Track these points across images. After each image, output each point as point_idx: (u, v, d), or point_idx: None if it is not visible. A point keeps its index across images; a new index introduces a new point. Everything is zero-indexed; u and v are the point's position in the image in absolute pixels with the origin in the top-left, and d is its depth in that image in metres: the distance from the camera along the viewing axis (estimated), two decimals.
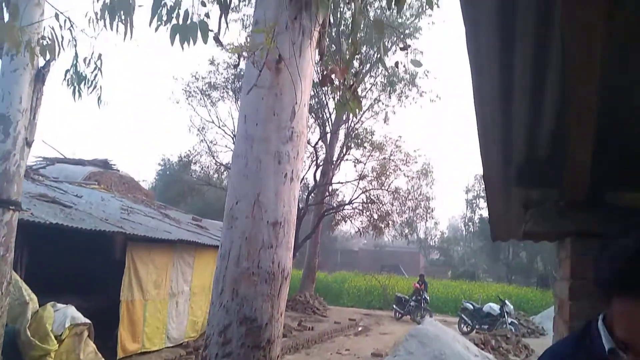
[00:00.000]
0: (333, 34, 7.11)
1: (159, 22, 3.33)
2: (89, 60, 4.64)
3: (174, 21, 3.18)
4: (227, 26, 3.49)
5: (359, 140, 18.03)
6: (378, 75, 18.15)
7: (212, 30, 3.11)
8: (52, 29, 4.12)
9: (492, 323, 15.67)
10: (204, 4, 3.22)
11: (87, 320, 6.73)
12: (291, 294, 17.03)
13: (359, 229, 19.72)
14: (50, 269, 8.25)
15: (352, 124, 18.57)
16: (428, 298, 19.30)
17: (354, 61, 3.99)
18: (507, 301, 16.65)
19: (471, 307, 16.84)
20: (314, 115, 17.65)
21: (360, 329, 16.09)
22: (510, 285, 30.62)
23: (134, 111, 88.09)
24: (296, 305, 17.37)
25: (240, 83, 16.02)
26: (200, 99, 18.66)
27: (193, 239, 9.88)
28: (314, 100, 16.48)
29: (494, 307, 16.20)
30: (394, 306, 19.81)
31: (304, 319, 15.20)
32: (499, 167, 2.28)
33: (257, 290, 3.12)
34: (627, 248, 1.01)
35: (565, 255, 2.47)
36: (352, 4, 3.56)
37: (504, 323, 15.19)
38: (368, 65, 17.11)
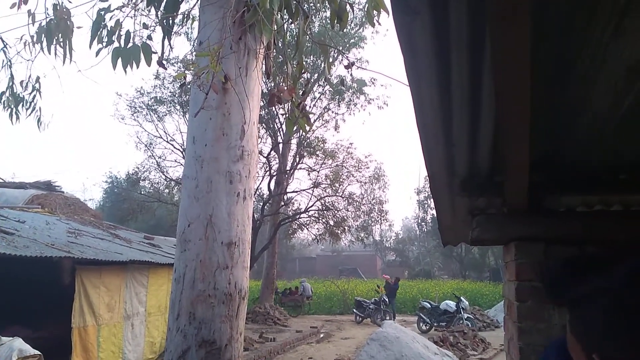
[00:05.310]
0: (279, 56, 7.13)
1: (100, 45, 3.24)
2: (26, 83, 4.46)
3: (115, 44, 3.10)
4: (172, 49, 3.44)
5: (312, 149, 18.14)
6: (327, 85, 18.35)
7: (155, 52, 3.06)
8: None
9: (450, 320, 16.12)
10: (146, 27, 3.15)
11: (37, 352, 6.40)
12: (250, 306, 16.86)
13: (315, 236, 19.80)
14: None
15: (304, 134, 18.65)
16: (387, 300, 19.58)
17: (301, 76, 4.02)
18: (462, 297, 17.16)
19: (429, 305, 17.26)
20: (264, 126, 17.61)
21: (322, 335, 16.10)
22: (465, 281, 31.54)
23: (77, 129, 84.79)
24: (256, 317, 17.23)
25: (187, 97, 15.77)
26: (147, 114, 18.26)
27: (145, 259, 9.62)
28: (264, 111, 16.44)
29: (451, 304, 16.67)
30: (354, 310, 19.97)
31: (265, 330, 15.07)
32: (443, 179, 2.36)
33: (215, 312, 3.08)
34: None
35: (510, 259, 2.59)
36: (296, 25, 3.59)
37: (460, 319, 15.64)
38: (316, 75, 17.24)
